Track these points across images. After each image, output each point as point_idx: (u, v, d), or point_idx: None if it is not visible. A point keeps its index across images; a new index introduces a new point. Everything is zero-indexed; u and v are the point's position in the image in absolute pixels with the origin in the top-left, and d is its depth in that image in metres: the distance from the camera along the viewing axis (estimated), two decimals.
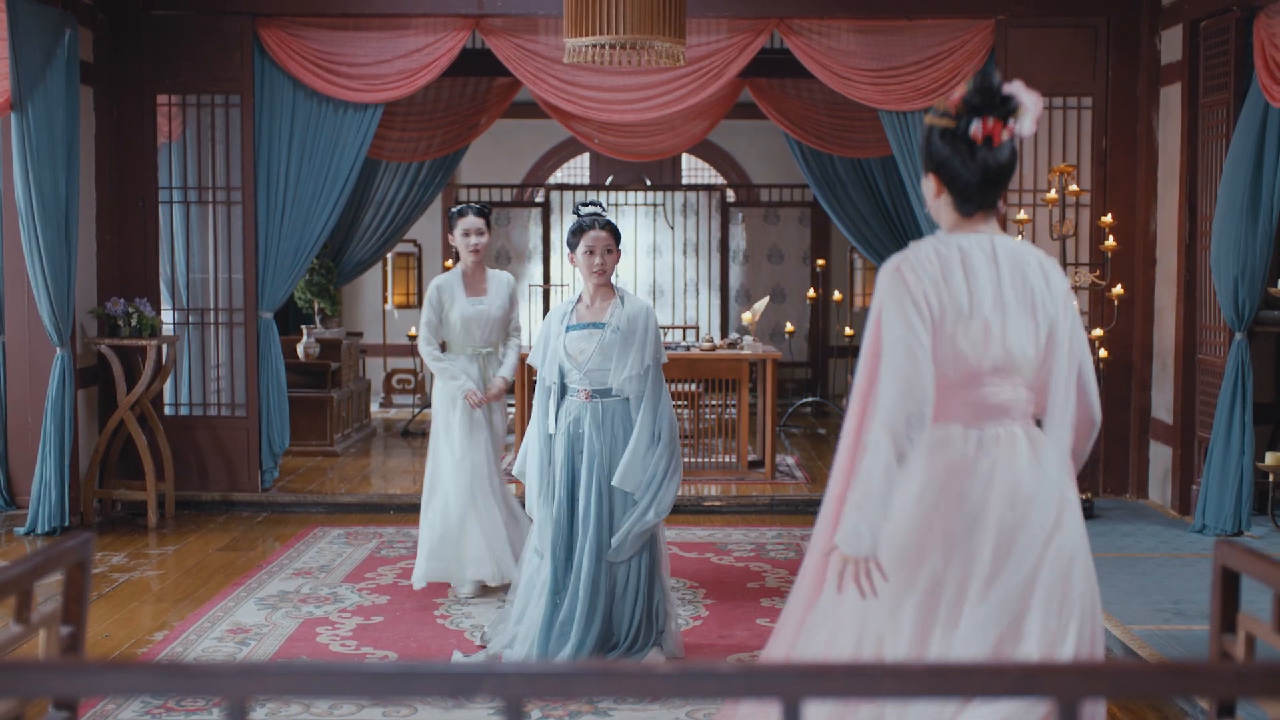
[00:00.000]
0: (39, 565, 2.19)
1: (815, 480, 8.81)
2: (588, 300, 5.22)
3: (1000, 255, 3.01)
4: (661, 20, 6.44)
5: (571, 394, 5.17)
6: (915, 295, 2.93)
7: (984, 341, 2.96)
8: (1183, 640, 5.24)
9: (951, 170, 3.02)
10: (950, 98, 3.04)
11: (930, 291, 2.94)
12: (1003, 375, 2.99)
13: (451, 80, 9.47)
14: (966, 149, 3.00)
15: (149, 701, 4.66)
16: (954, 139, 3.01)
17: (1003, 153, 3.02)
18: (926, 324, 2.93)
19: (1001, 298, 2.98)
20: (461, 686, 1.41)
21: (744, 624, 5.72)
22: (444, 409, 6.21)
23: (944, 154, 3.02)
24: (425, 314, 6.23)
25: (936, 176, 3.05)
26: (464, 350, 6.24)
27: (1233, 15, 7.12)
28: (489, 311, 6.23)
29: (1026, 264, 3.03)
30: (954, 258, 2.99)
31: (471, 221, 6.22)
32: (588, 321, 5.16)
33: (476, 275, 6.30)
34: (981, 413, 2.99)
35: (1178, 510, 7.72)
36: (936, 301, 2.94)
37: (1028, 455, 2.99)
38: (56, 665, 1.44)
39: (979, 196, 3.03)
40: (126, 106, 8.21)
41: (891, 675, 1.40)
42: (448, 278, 6.25)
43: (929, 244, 3.02)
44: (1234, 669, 1.48)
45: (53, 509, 7.25)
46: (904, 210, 10.31)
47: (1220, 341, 7.36)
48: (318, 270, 10.54)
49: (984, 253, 3.01)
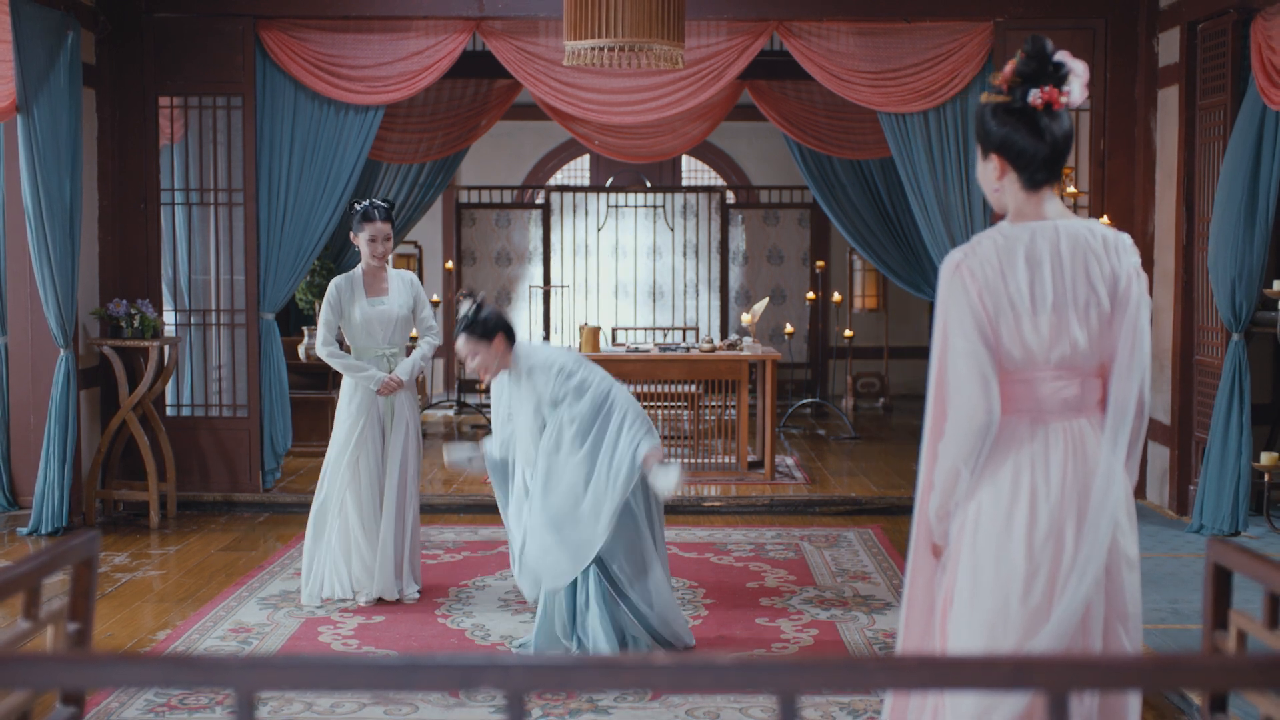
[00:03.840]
0: (47, 562, 2.22)
1: (815, 481, 8.83)
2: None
3: (1064, 244, 2.94)
4: (660, 23, 6.47)
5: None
6: (973, 299, 2.89)
7: (1048, 337, 2.92)
8: (1179, 639, 5.27)
9: (1015, 146, 2.95)
10: (1001, 73, 2.97)
11: (988, 294, 2.90)
12: (1068, 370, 2.96)
13: (452, 82, 9.50)
14: (1028, 122, 2.94)
15: (152, 700, 4.69)
16: (1011, 114, 2.95)
17: (1065, 120, 2.96)
18: (986, 332, 2.90)
19: (1064, 291, 2.92)
20: (465, 679, 1.44)
21: (743, 624, 5.75)
22: (344, 407, 6.04)
23: (1003, 131, 2.95)
24: (323, 314, 6.06)
25: (1000, 156, 2.97)
26: (366, 352, 6.07)
27: (1230, 18, 7.15)
28: (390, 311, 6.06)
29: (1090, 249, 2.95)
30: (1017, 252, 2.93)
31: (379, 228, 6.03)
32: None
33: (377, 275, 6.11)
34: (1047, 409, 2.96)
35: (1175, 511, 7.75)
36: (993, 303, 2.91)
37: (1094, 451, 2.96)
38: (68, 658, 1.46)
39: (1047, 169, 2.96)
40: (129, 108, 8.24)
41: (884, 668, 1.43)
42: (346, 277, 6.08)
43: (990, 239, 2.96)
44: (1220, 661, 1.51)
45: (55, 509, 7.28)
46: (903, 211, 10.34)
47: (1217, 342, 7.38)
48: (319, 271, 10.56)
49: (1048, 243, 2.94)
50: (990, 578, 2.94)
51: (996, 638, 2.93)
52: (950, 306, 2.94)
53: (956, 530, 3.02)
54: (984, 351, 2.90)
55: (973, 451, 2.93)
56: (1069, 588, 2.91)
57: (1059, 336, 2.94)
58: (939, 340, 2.98)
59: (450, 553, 7.03)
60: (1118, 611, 2.96)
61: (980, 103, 3.04)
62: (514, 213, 13.27)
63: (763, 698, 4.68)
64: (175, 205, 8.46)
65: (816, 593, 6.24)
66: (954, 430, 2.94)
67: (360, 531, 5.99)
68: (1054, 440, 2.95)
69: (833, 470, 9.31)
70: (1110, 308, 2.96)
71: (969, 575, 2.97)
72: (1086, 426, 2.97)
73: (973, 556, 2.97)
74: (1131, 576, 2.99)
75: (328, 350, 6.01)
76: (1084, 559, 2.90)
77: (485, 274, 13.14)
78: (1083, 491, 2.95)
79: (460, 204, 13.21)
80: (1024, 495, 2.94)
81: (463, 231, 13.18)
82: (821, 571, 6.65)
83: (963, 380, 2.91)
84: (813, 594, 6.22)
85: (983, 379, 2.90)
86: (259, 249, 8.31)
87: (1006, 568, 2.93)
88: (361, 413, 5.99)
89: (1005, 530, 2.94)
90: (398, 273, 6.15)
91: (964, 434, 2.92)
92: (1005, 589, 2.92)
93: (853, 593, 6.25)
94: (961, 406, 2.92)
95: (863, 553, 7.04)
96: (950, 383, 2.94)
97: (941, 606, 3.05)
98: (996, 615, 2.92)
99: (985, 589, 2.94)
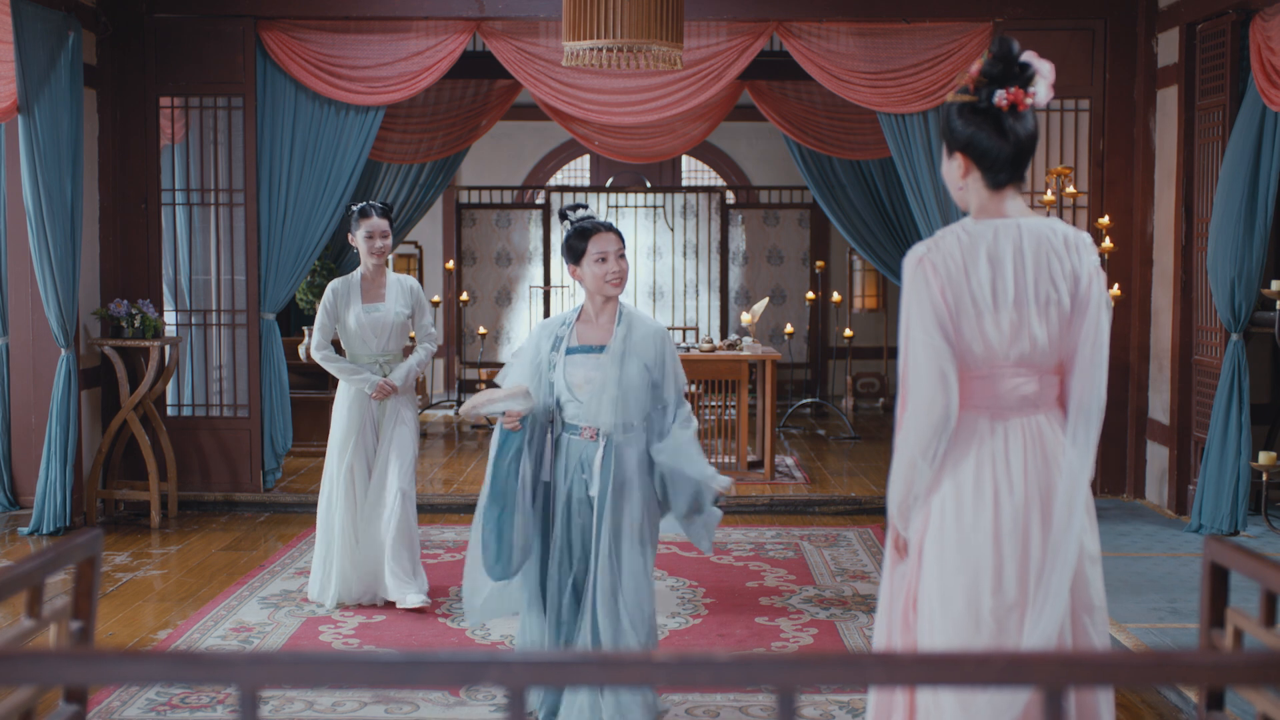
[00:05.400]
0: (51, 560, 2.23)
1: (814, 481, 8.85)
2: (593, 316, 4.42)
3: (1026, 243, 2.98)
4: (660, 24, 6.48)
5: (571, 432, 4.38)
6: (934, 293, 2.92)
7: (1008, 335, 2.95)
8: (1178, 639, 5.29)
9: (979, 145, 2.98)
10: (968, 73, 3.00)
11: (949, 288, 2.93)
12: (1027, 367, 2.99)
13: (452, 82, 9.52)
14: (992, 122, 2.97)
15: (153, 699, 4.70)
16: (977, 114, 2.97)
17: (1029, 121, 2.99)
18: (947, 326, 2.93)
19: (1025, 289, 2.96)
20: (467, 675, 1.45)
21: (743, 623, 5.77)
22: (339, 411, 6.00)
23: (968, 131, 2.98)
24: (319, 317, 6.00)
25: (964, 155, 3.01)
26: (361, 358, 5.99)
27: (1229, 18, 7.16)
28: (385, 318, 5.96)
29: (1052, 248, 2.99)
30: (979, 248, 2.96)
31: (376, 223, 5.93)
32: (592, 344, 4.38)
33: (375, 279, 6.02)
34: (1006, 405, 2.99)
35: (1174, 510, 7.76)
36: (954, 298, 2.94)
37: (1054, 447, 2.99)
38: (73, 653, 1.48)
39: (1009, 168, 2.99)
40: (129, 109, 8.26)
41: (881, 664, 1.44)
42: (344, 280, 6.00)
43: (953, 234, 2.99)
44: (1215, 658, 1.52)
45: (57, 509, 7.30)
46: (903, 212, 10.35)
47: (1216, 343, 7.40)
48: (319, 272, 10.58)
49: (1010, 241, 2.97)
50: (958, 575, 2.97)
51: (968, 634, 2.95)
52: (912, 300, 2.97)
53: (920, 526, 3.04)
54: (944, 346, 2.93)
55: (930, 445, 2.95)
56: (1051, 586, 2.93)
57: (1019, 333, 2.97)
58: (902, 333, 3.02)
59: (450, 552, 7.05)
60: (1084, 604, 3.02)
61: (946, 102, 3.06)
62: (514, 213, 13.28)
63: (762, 697, 4.70)
64: (176, 205, 8.47)
65: (816, 592, 6.26)
66: (912, 423, 2.97)
67: (353, 538, 5.92)
68: (1013, 436, 2.99)
69: (832, 470, 9.33)
70: (1070, 306, 3.00)
71: (935, 572, 3.00)
72: (1044, 423, 3.02)
73: (938, 553, 3.00)
74: (1094, 570, 3.05)
75: (322, 354, 5.97)
76: (1054, 556, 2.93)
77: (485, 274, 13.15)
78: (1045, 487, 2.99)
79: (460, 204, 13.22)
80: (987, 490, 2.97)
81: (463, 232, 13.19)
82: (821, 571, 6.66)
83: (922, 374, 2.94)
84: (812, 593, 6.23)
85: (941, 373, 2.93)
86: (260, 249, 8.33)
87: (973, 563, 2.96)
88: (355, 418, 5.94)
89: (971, 525, 2.97)
90: (398, 278, 6.05)
91: (921, 427, 2.95)
92: (974, 585, 2.95)
93: (852, 592, 6.26)
94: (920, 400, 2.95)
95: (862, 552, 7.05)
96: (910, 376, 2.97)
97: (906, 602, 3.08)
98: (967, 612, 2.95)
99: (954, 587, 2.97)
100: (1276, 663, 1.46)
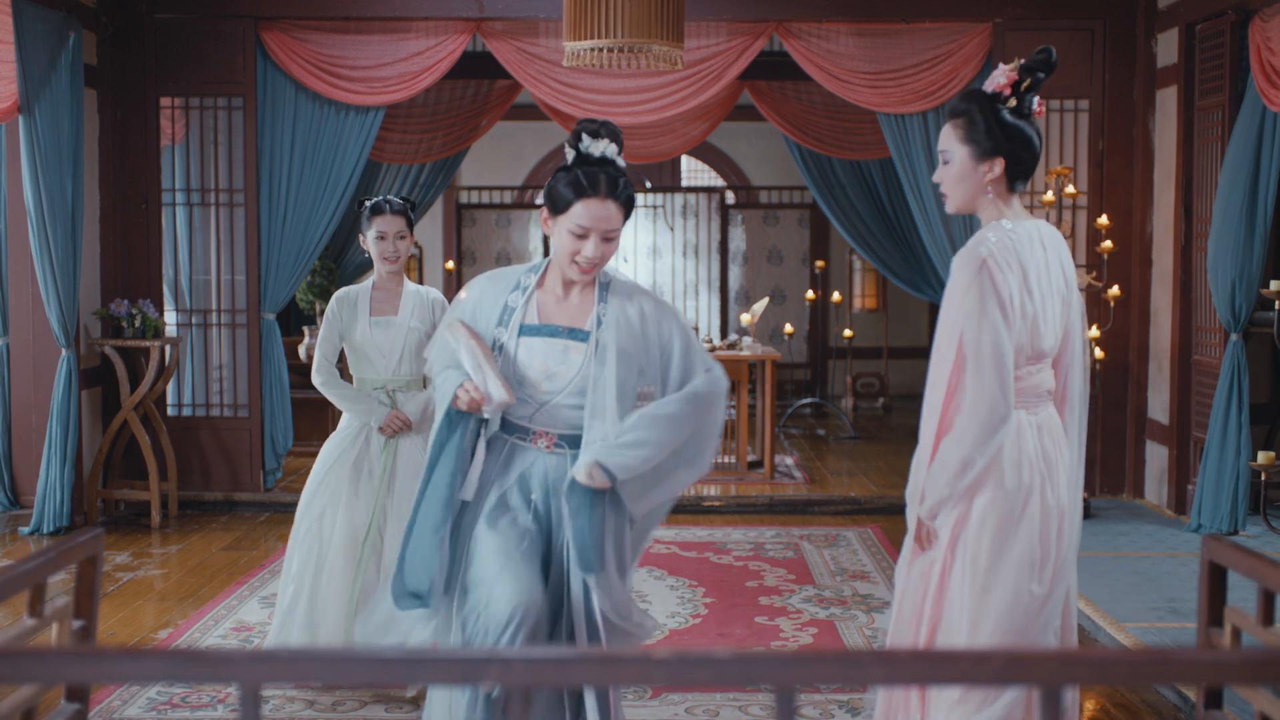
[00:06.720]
0: (52, 559, 2.24)
1: (814, 481, 8.86)
2: (558, 288, 3.34)
3: (1046, 243, 3.10)
4: (660, 24, 6.49)
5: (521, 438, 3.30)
6: (1003, 296, 2.97)
7: (1043, 330, 3.06)
8: (1177, 638, 5.30)
9: (1022, 149, 3.07)
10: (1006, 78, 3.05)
11: (1012, 288, 2.99)
12: (1045, 360, 3.11)
13: (452, 83, 9.52)
14: (1031, 126, 3.08)
15: (154, 699, 4.71)
16: (1021, 118, 3.07)
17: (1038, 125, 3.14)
18: (1013, 327, 2.98)
19: (1049, 285, 3.07)
20: (468, 673, 1.46)
21: (743, 623, 5.77)
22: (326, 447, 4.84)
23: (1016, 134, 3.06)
24: (322, 331, 4.84)
25: (1005, 158, 3.07)
26: (368, 383, 4.82)
27: (1228, 19, 7.17)
28: (396, 334, 4.79)
29: (1059, 246, 3.13)
30: (1024, 248, 3.05)
31: (390, 221, 4.80)
32: (559, 325, 3.31)
33: (389, 289, 4.86)
34: (1035, 397, 3.09)
35: (1174, 510, 7.77)
36: (1015, 297, 3.00)
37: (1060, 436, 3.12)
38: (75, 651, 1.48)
39: (1032, 171, 3.12)
40: (130, 109, 8.26)
41: (880, 662, 1.45)
42: (354, 289, 4.86)
43: (998, 235, 3.05)
44: (1212, 656, 1.53)
45: (57, 509, 7.30)
46: (902, 212, 10.36)
47: (1216, 343, 7.40)
48: (319, 272, 10.58)
49: (1037, 239, 3.08)
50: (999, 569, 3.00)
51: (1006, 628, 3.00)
52: (974, 302, 3.00)
53: (952, 519, 3.06)
54: (1009, 346, 2.97)
55: (989, 443, 2.98)
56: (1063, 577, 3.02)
57: (1049, 327, 3.08)
58: (949, 335, 3.03)
59: None
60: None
61: (984, 101, 3.07)
62: (514, 213, 13.29)
63: (761, 696, 4.70)
64: (176, 206, 8.48)
65: (816, 592, 6.26)
66: (970, 421, 2.98)
67: (318, 608, 4.69)
68: (1043, 428, 3.07)
69: (832, 470, 9.33)
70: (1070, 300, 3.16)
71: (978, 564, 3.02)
72: (1054, 414, 3.17)
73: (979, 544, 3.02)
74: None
75: (321, 379, 4.78)
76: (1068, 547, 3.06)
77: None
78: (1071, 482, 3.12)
79: (460, 204, 13.23)
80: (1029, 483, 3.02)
81: (463, 232, 13.20)
82: (821, 571, 6.67)
83: (986, 373, 2.97)
84: (812, 593, 6.24)
85: (1005, 372, 2.98)
86: (260, 249, 8.33)
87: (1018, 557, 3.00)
88: (346, 456, 4.76)
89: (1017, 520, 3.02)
90: (418, 289, 4.90)
91: (983, 426, 2.97)
92: (1018, 578, 3.00)
93: (852, 592, 6.27)
94: (981, 399, 2.97)
95: (862, 552, 7.06)
96: (969, 376, 2.98)
97: (926, 592, 3.10)
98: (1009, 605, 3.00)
99: (998, 580, 3.01)
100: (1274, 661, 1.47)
